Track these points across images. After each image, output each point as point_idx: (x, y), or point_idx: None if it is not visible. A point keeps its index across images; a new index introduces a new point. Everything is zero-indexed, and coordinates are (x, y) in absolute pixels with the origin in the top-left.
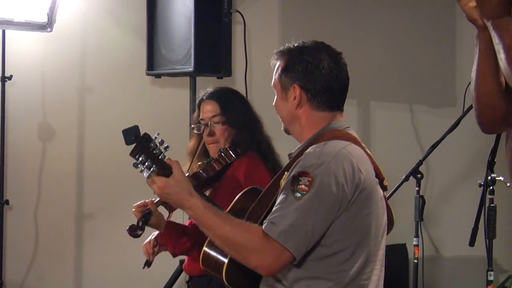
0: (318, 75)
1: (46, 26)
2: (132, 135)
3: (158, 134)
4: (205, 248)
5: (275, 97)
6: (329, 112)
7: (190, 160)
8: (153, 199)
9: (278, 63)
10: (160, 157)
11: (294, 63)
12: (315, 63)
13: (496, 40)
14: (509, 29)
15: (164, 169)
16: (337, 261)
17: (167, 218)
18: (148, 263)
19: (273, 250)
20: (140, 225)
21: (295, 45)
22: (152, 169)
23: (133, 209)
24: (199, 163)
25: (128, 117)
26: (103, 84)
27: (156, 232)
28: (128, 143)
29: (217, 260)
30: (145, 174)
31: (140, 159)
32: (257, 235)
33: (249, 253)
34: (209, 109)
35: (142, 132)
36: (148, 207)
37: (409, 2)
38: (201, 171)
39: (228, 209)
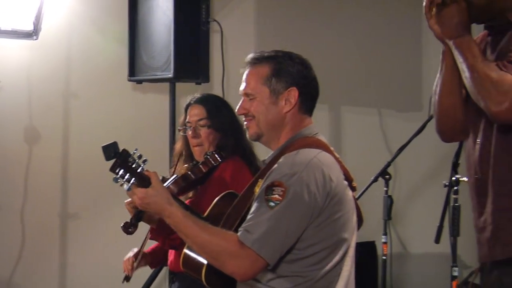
0: (310, 79)
1: (32, 34)
2: (111, 151)
3: (137, 149)
4: (185, 250)
5: (252, 101)
6: (308, 117)
7: (176, 161)
8: None
9: (259, 68)
10: (138, 171)
11: (286, 66)
12: (306, 71)
13: (459, 59)
14: (470, 48)
15: (143, 180)
16: (311, 262)
17: None
18: (127, 278)
19: (248, 258)
20: (133, 222)
21: (274, 52)
22: (131, 182)
23: (126, 205)
24: (186, 165)
25: (110, 121)
26: (87, 89)
27: (135, 249)
28: (107, 159)
29: (197, 262)
30: (125, 187)
31: (120, 173)
32: (233, 243)
33: (225, 260)
34: (196, 113)
35: (121, 148)
36: None
37: (378, 10)
38: (189, 172)
39: (206, 213)
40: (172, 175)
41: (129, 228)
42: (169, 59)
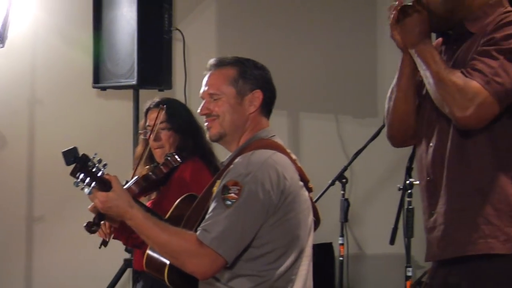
0: (272, 84)
1: None
2: (71, 156)
3: (96, 154)
4: (148, 252)
5: (217, 101)
6: (266, 120)
7: (137, 163)
8: None
9: (225, 70)
10: (99, 175)
11: (252, 70)
12: (268, 73)
13: (422, 66)
14: (433, 56)
15: (104, 184)
16: (267, 260)
17: None
18: (104, 243)
19: (207, 256)
20: (95, 221)
21: (237, 58)
22: (92, 186)
23: (89, 207)
24: (147, 167)
25: (75, 126)
26: (52, 95)
27: None
28: (68, 163)
29: (159, 262)
30: (86, 191)
31: (80, 177)
32: (192, 242)
33: (185, 259)
34: (155, 117)
35: (81, 153)
36: None
37: (335, 19)
38: (150, 173)
39: (168, 215)
40: (133, 177)
41: (92, 227)
42: (133, 66)
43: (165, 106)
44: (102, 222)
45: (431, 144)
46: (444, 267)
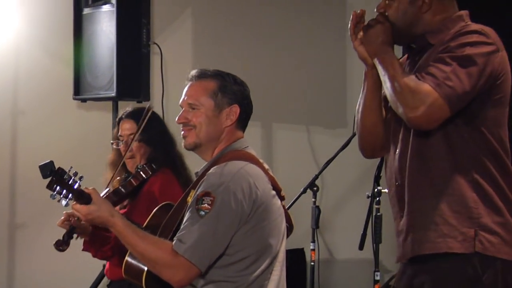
0: (249, 100)
1: None
2: (47, 170)
3: (72, 167)
4: (127, 258)
5: (195, 112)
6: (241, 132)
7: (109, 170)
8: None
9: (206, 82)
10: (75, 187)
11: (231, 84)
12: (246, 89)
13: (382, 72)
14: (392, 63)
15: (82, 197)
16: (240, 267)
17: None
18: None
19: (181, 265)
20: (65, 239)
21: (218, 71)
22: (68, 197)
23: (58, 223)
24: (118, 178)
25: (56, 136)
26: (34, 107)
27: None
28: (44, 177)
29: (138, 268)
30: (63, 202)
31: (57, 190)
32: (168, 252)
33: (161, 268)
34: (127, 127)
35: (57, 166)
36: (71, 220)
37: (305, 35)
38: (120, 187)
39: (145, 224)
40: (106, 186)
41: (60, 246)
42: (112, 79)
43: (152, 108)
44: (72, 238)
45: (397, 151)
46: (409, 268)
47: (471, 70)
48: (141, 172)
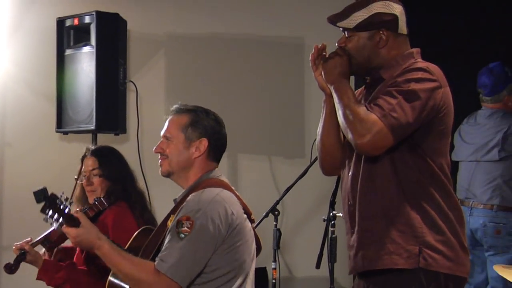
0: (220, 135)
1: None
2: (41, 195)
3: (63, 193)
4: (110, 278)
5: (169, 143)
6: (216, 163)
7: (77, 206)
8: (30, 239)
9: (180, 117)
10: (66, 211)
11: (202, 120)
12: (218, 126)
13: (336, 99)
14: (347, 92)
15: (72, 220)
16: (217, 284)
17: (44, 255)
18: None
19: (164, 283)
20: (13, 263)
21: (195, 107)
22: (60, 221)
23: (13, 247)
24: (78, 209)
25: (40, 166)
26: (20, 139)
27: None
28: (38, 201)
29: (120, 287)
30: (54, 225)
31: (49, 214)
32: (150, 272)
33: (144, 286)
34: (90, 164)
35: (49, 192)
36: (25, 247)
37: (266, 74)
38: None
39: (127, 246)
40: None
41: (11, 268)
42: (92, 113)
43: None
44: (21, 262)
45: (350, 173)
46: (363, 282)
47: (415, 104)
48: (98, 204)
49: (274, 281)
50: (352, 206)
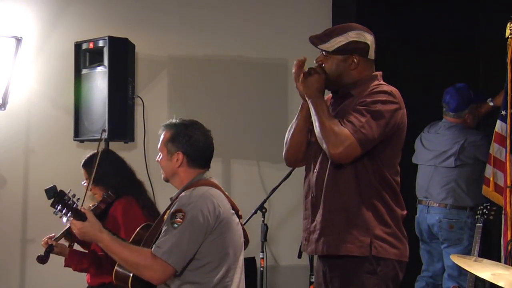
0: (196, 146)
1: (1, 106)
2: (51, 192)
3: (70, 190)
4: (116, 268)
5: (160, 155)
6: (200, 169)
7: (90, 203)
8: (54, 235)
9: (165, 133)
10: (73, 206)
11: (179, 136)
12: (195, 138)
13: (313, 112)
14: (323, 107)
15: (79, 214)
16: (206, 270)
17: (69, 246)
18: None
19: (160, 266)
20: (44, 255)
21: (178, 121)
22: (68, 215)
23: (41, 242)
24: (91, 205)
25: (59, 170)
26: (42, 146)
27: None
28: (49, 198)
29: (124, 275)
30: (64, 219)
31: (58, 208)
32: (148, 256)
33: (143, 269)
34: (85, 176)
35: (59, 189)
36: (51, 242)
37: (255, 88)
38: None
39: (131, 240)
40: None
41: (42, 259)
42: (104, 124)
43: (99, 152)
44: (49, 254)
45: (315, 170)
46: (322, 265)
47: (380, 122)
48: (107, 197)
49: (262, 269)
50: (314, 198)
